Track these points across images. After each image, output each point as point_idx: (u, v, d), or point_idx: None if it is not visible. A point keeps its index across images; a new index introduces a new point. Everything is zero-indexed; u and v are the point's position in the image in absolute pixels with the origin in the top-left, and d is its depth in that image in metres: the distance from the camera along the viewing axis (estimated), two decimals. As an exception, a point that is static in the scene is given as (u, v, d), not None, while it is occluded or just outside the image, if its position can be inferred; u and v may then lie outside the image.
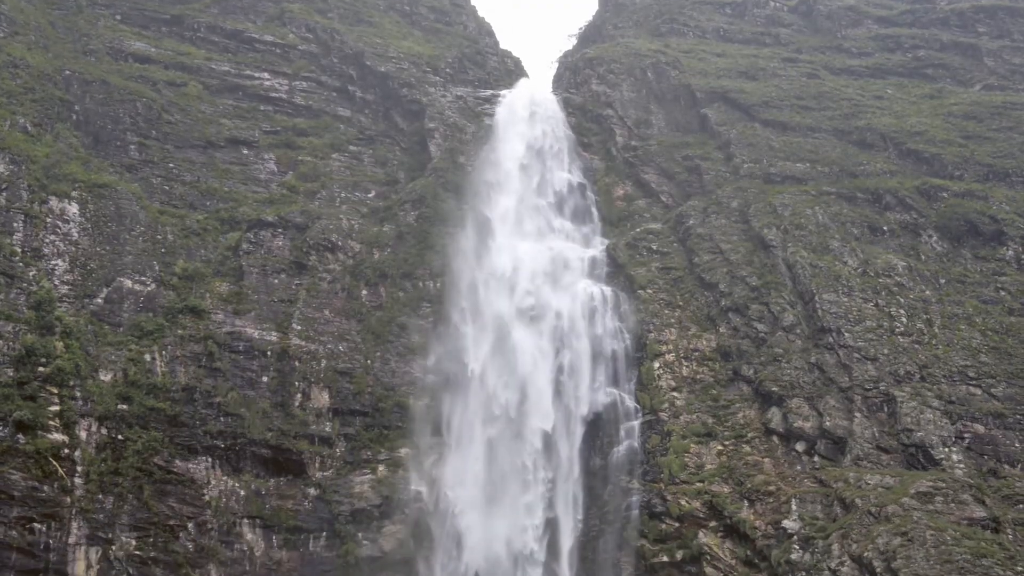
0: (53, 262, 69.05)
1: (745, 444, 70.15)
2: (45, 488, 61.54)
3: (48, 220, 70.20)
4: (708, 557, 66.41)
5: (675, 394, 72.97)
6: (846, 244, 78.26)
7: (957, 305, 74.60)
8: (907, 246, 79.70)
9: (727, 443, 70.43)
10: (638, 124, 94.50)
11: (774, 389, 70.38)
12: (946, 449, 65.78)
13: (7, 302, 65.59)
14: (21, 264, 67.66)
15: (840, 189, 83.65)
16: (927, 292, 75.34)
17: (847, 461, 66.61)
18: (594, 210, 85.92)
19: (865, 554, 59.50)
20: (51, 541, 61.07)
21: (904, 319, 73.11)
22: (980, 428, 66.98)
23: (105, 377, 66.37)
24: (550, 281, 78.11)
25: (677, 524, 67.93)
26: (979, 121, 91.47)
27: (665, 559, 67.11)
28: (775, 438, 69.52)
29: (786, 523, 64.35)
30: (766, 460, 68.92)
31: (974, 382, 69.23)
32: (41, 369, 63.82)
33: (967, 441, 66.42)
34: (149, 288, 71.60)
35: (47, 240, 69.60)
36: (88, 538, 62.16)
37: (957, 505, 61.35)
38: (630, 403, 72.65)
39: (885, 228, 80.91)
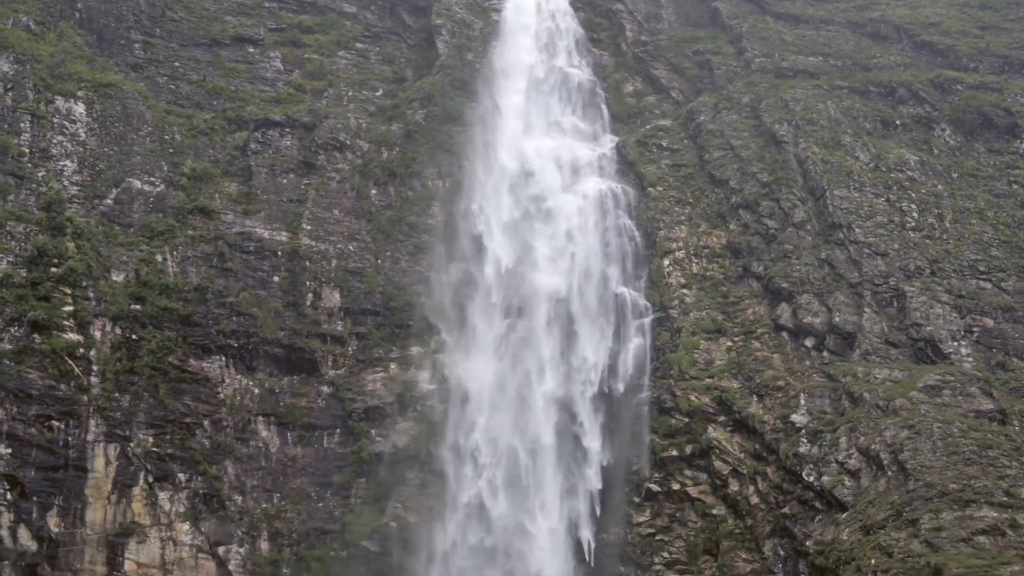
0: (61, 163, 68.92)
1: (754, 340, 70.54)
2: (62, 387, 62.41)
3: (55, 120, 69.89)
4: (717, 451, 67.31)
5: (685, 291, 73.15)
6: (858, 139, 77.60)
7: (969, 199, 74.25)
8: (919, 140, 79.02)
9: (736, 339, 70.81)
10: (648, 18, 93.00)
11: (784, 285, 70.48)
12: (955, 343, 66.12)
13: (17, 203, 65.75)
14: (29, 165, 67.59)
15: (853, 83, 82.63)
16: (939, 186, 74.92)
17: (856, 356, 67.00)
18: (603, 107, 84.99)
19: (872, 447, 60.24)
20: (70, 438, 62.19)
21: (915, 214, 72.84)
22: (989, 322, 67.22)
23: (117, 278, 66.74)
24: (559, 179, 77.68)
25: (687, 419, 68.72)
26: (996, 11, 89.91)
27: (675, 453, 68.02)
28: (784, 334, 69.87)
29: (794, 417, 65.05)
30: (775, 356, 69.36)
31: (984, 276, 69.26)
32: (54, 270, 64.19)
33: (976, 335, 66.74)
34: (158, 189, 71.52)
35: (54, 141, 69.36)
36: (106, 435, 63.23)
37: (965, 398, 61.90)
38: (640, 300, 72.78)
39: (898, 122, 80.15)
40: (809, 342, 68.71)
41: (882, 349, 67.09)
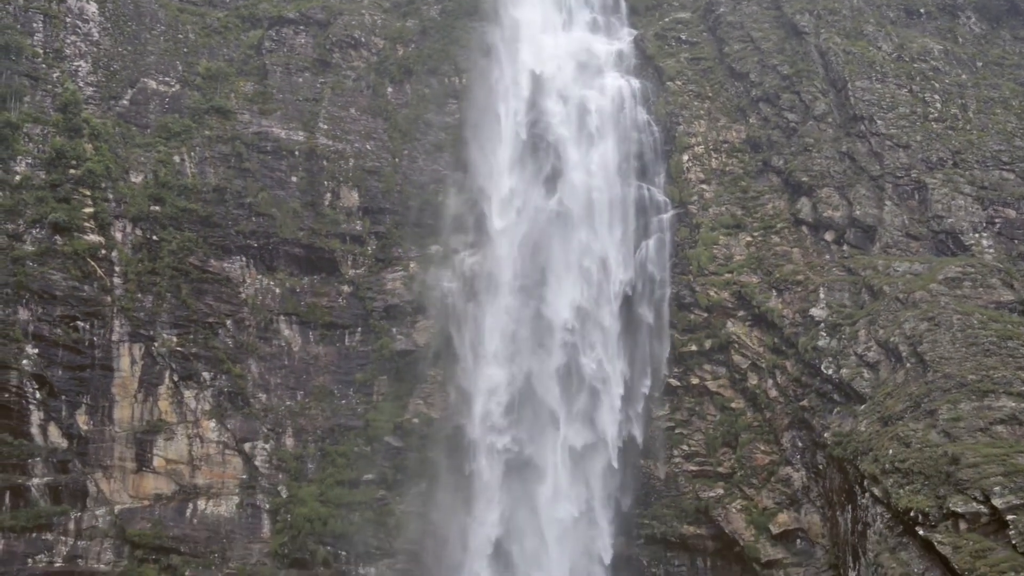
0: (76, 63, 68.49)
1: (774, 235, 70.31)
2: (85, 288, 63.00)
3: (68, 20, 69.24)
4: (736, 345, 67.62)
5: (704, 186, 72.72)
6: (881, 28, 76.19)
7: (993, 88, 73.09)
8: (944, 28, 77.56)
9: (756, 234, 70.60)
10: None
11: (804, 179, 69.97)
12: (976, 235, 65.78)
13: (34, 104, 65.59)
14: (44, 66, 67.22)
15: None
16: (963, 76, 73.74)
17: (876, 249, 66.79)
18: (622, 0, 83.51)
19: (891, 339, 60.39)
20: (95, 338, 62.99)
21: (938, 104, 71.84)
22: (1011, 213, 66.73)
23: (136, 179, 66.79)
24: (577, 75, 76.65)
25: (706, 314, 68.94)
26: None
27: (694, 348, 68.38)
28: (804, 228, 69.58)
29: (814, 311, 65.14)
30: (795, 250, 69.19)
31: (1007, 167, 68.53)
32: (72, 171, 64.28)
33: (998, 226, 66.32)
34: (173, 89, 71.14)
35: (68, 41, 68.81)
36: (131, 335, 64.01)
37: (985, 289, 61.77)
38: (659, 196, 72.38)
39: (922, 10, 78.59)
40: (829, 236, 68.45)
41: (902, 242, 66.82)
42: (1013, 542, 48.16)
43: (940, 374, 56.54)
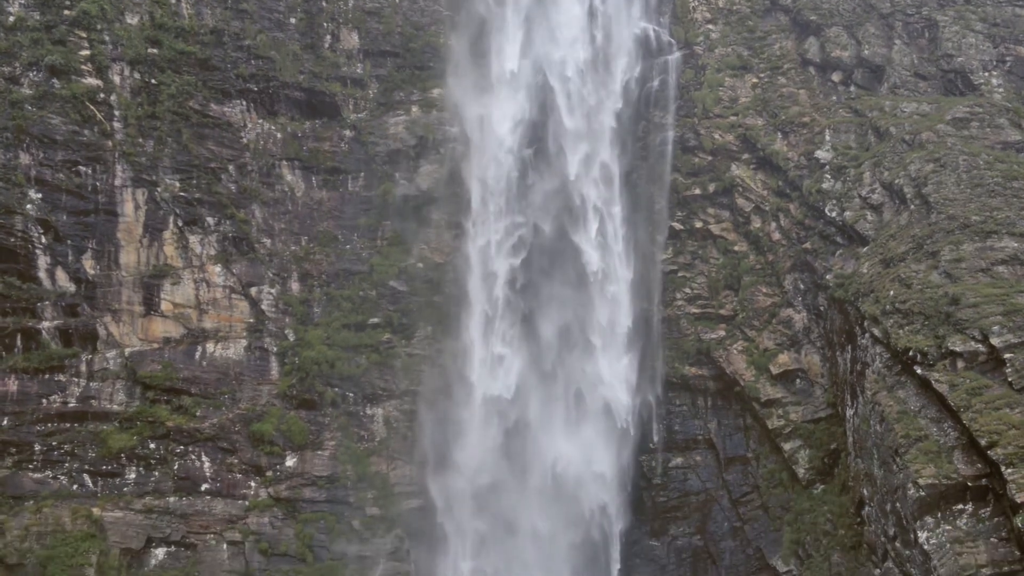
0: (64, -100, 66.35)
1: (780, 76, 69.44)
2: (86, 132, 62.56)
3: None
4: (740, 189, 67.51)
5: (710, 26, 71.40)
6: None
7: (1009, -77, 71.05)
8: None
9: (762, 75, 69.68)
10: None
11: (812, 18, 68.65)
12: (986, 73, 64.88)
13: (23, -57, 63.97)
14: (32, -97, 65.21)
15: None
16: (978, -92, 71.52)
17: (884, 90, 66.01)
18: None
19: (896, 181, 60.21)
20: (98, 183, 62.88)
21: (952, -61, 69.98)
22: (1023, 50, 65.60)
23: (132, 20, 65.51)
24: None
25: (710, 158, 68.60)
26: None
27: (697, 192, 68.26)
28: (811, 69, 68.66)
29: (819, 153, 64.81)
30: (801, 92, 68.42)
31: (1020, 3, 67.10)
32: (67, 12, 63.05)
33: (1008, 64, 65.34)
34: (166, -73, 69.15)
35: None
36: (133, 180, 63.84)
37: (993, 129, 61.26)
38: (664, 36, 71.09)
39: None
40: (836, 77, 67.55)
41: (911, 82, 65.98)
42: (1009, 379, 49.01)
43: (944, 215, 56.56)
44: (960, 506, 48.16)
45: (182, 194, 64.99)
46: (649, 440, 64.62)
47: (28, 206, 60.69)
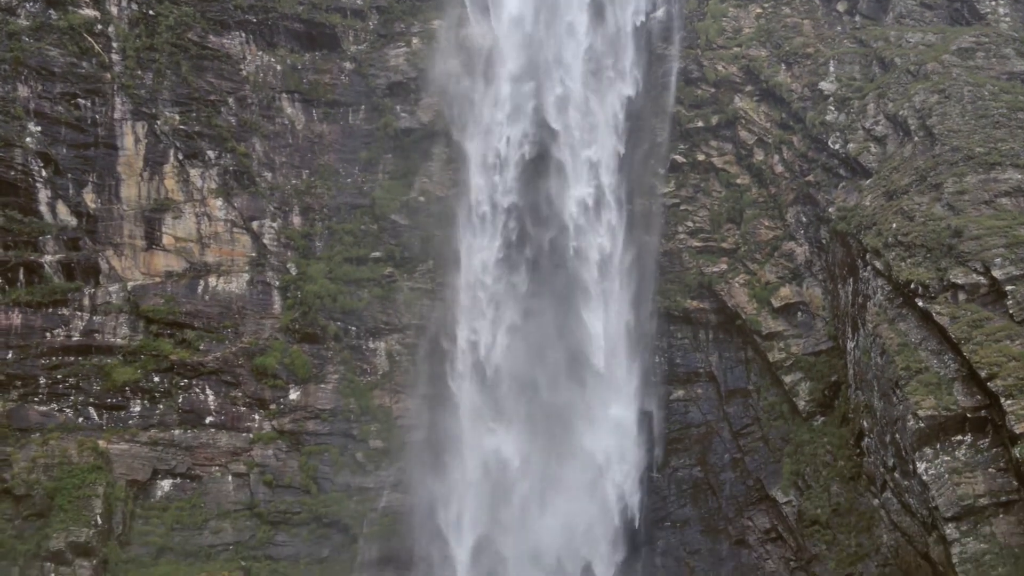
0: None
1: (784, 6, 68.72)
2: (84, 64, 62.11)
3: None
4: (743, 121, 67.12)
5: (714, -44, 70.39)
6: None
7: None
8: None
9: (766, 5, 68.93)
10: None
11: (818, -54, 67.76)
12: (992, 2, 64.09)
13: None
14: None
15: None
16: None
17: (889, 20, 65.32)
18: None
19: (901, 112, 59.83)
20: (97, 116, 62.58)
21: None
22: (1031, -20, 64.94)
23: (128, -50, 64.77)
24: None
25: (713, 90, 68.10)
26: None
27: (700, 124, 67.87)
28: (816, -3, 67.91)
29: (823, 85, 64.35)
30: (806, 22, 67.73)
31: (1029, -69, 66.18)
32: (62, -59, 62.40)
33: (1016, -8, 64.67)
34: None
35: None
36: (132, 113, 63.50)
37: (998, 60, 60.71)
38: (669, -34, 70.11)
39: None
40: (841, 6, 66.82)
41: (916, 12, 65.27)
42: (1010, 312, 49.20)
43: (948, 147, 56.27)
44: (959, 437, 48.64)
45: (182, 127, 64.65)
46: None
47: (28, 139, 60.47)
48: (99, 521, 57.41)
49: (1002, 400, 46.61)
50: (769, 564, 58.87)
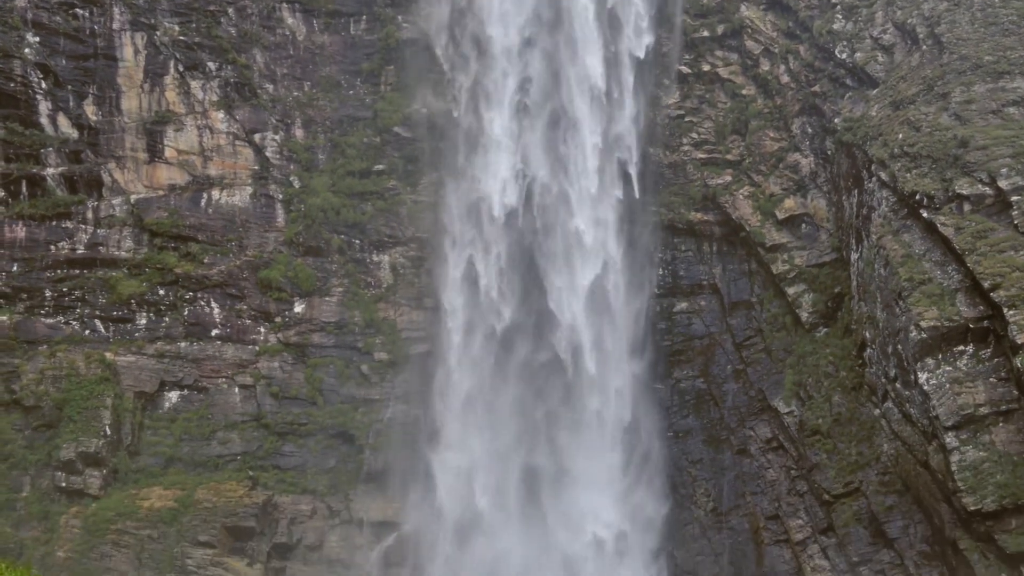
0: None
1: (792, -89, 67.41)
2: (81, -28, 61.54)
3: None
4: (749, 30, 66.25)
5: None
6: None
7: None
8: None
9: (774, -90, 67.66)
10: None
11: None
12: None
13: None
14: None
15: None
16: None
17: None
18: None
19: (909, 20, 59.11)
20: (96, 27, 62.03)
21: None
22: None
23: None
24: None
25: (718, -2, 67.30)
26: None
27: (706, 34, 67.02)
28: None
29: (831, -8, 63.49)
30: (814, -70, 66.53)
31: None
32: None
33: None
34: None
35: None
36: (131, 24, 62.88)
37: (1010, -29, 59.74)
38: None
39: None
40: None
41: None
42: (1015, 222, 49.13)
43: (956, 56, 55.65)
44: (961, 348, 48.95)
45: (181, 38, 64.00)
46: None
47: (26, 50, 60.00)
48: (108, 432, 58.21)
49: (1005, 310, 46.79)
50: (770, 473, 59.58)
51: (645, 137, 66.04)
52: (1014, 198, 49.43)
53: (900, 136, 54.44)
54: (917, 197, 51.98)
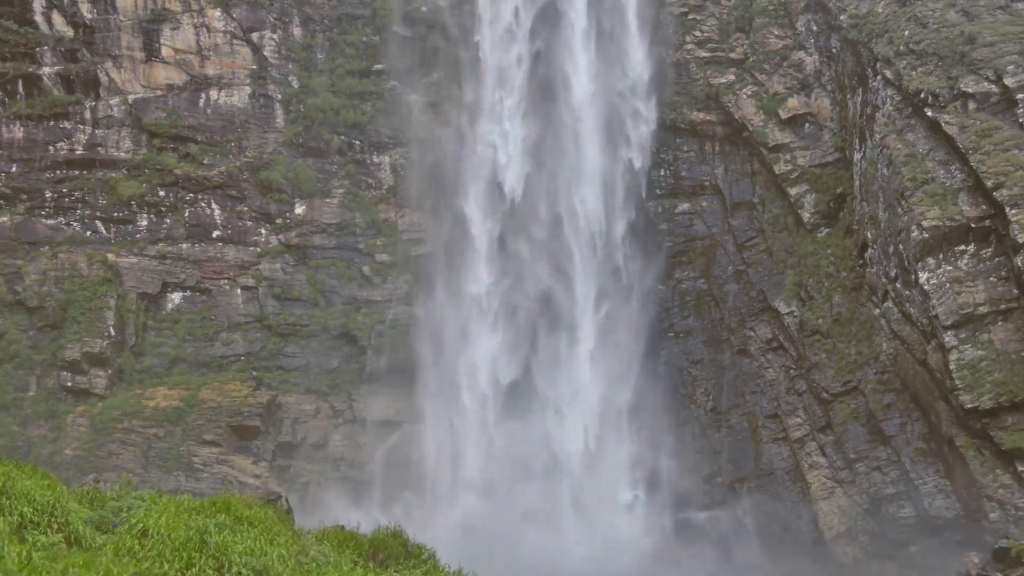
0: None
1: None
2: None
3: None
4: (755, -75, 65.02)
5: None
6: None
7: None
8: None
9: None
10: None
11: None
12: None
13: None
14: None
15: None
16: None
17: None
18: None
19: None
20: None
21: None
22: None
23: None
24: None
25: None
26: None
27: (711, -71, 65.74)
28: None
29: None
30: None
31: None
32: None
33: None
34: None
35: None
36: (125, -81, 61.72)
37: None
38: None
39: None
40: None
41: None
42: (1020, 121, 48.71)
43: (965, -54, 54.58)
44: (962, 247, 48.86)
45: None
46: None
47: (18, -54, 58.98)
48: (112, 332, 58.55)
49: (1007, 209, 46.63)
50: (770, 372, 60.03)
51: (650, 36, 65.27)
52: (1020, 96, 48.93)
53: (906, 33, 53.67)
54: (922, 95, 51.46)
